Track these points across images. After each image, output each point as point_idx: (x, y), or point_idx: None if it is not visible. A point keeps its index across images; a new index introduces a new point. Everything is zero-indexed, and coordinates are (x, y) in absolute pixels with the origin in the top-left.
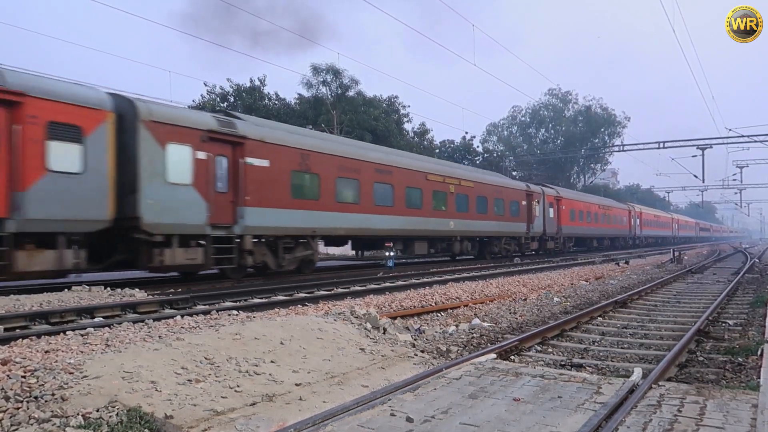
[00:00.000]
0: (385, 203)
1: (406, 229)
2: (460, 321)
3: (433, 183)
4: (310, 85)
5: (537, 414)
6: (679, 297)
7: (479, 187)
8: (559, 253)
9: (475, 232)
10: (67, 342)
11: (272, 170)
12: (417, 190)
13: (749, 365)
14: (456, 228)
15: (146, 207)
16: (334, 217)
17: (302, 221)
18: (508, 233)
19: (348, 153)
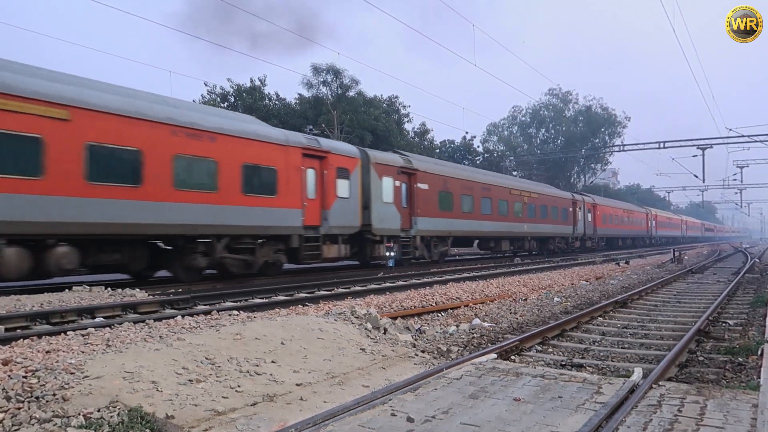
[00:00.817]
0: (487, 212)
1: (500, 232)
2: (461, 321)
3: (514, 196)
4: (310, 85)
5: (537, 414)
6: (680, 297)
7: (542, 198)
8: (594, 250)
9: (540, 233)
10: (68, 342)
11: (429, 191)
12: (504, 202)
13: (749, 365)
14: (528, 230)
15: (374, 218)
16: (461, 223)
17: (444, 226)
18: (559, 234)
19: (467, 176)
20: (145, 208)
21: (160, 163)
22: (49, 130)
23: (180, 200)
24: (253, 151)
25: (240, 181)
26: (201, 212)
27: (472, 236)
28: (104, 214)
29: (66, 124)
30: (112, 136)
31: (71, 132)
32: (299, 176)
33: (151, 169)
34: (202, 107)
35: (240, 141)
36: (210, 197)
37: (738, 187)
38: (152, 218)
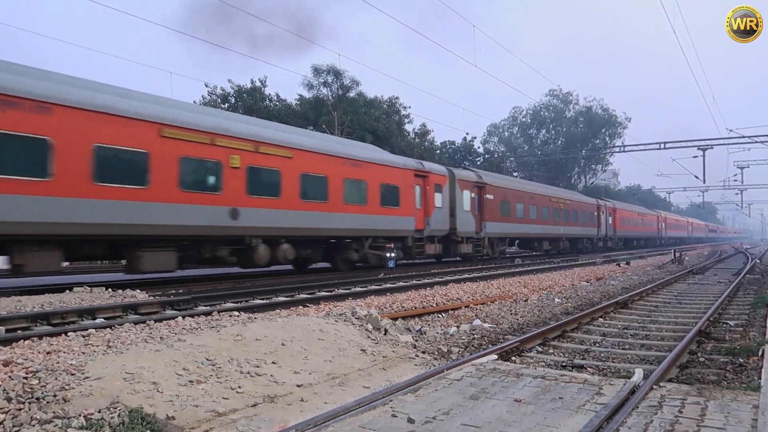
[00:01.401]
0: (534, 217)
1: (544, 234)
2: (461, 322)
3: (553, 203)
4: (310, 86)
5: (538, 415)
6: (680, 298)
7: (573, 203)
8: (614, 249)
9: (573, 234)
10: (68, 343)
11: (494, 201)
12: (546, 208)
13: (750, 366)
14: (563, 232)
15: (458, 223)
16: (516, 226)
17: (505, 229)
18: (586, 235)
19: (520, 188)
20: (329, 218)
21: (337, 185)
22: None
23: (347, 211)
24: (386, 174)
25: (379, 196)
26: (358, 220)
27: (524, 237)
28: (310, 222)
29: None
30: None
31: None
32: (412, 192)
33: (332, 189)
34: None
35: (379, 167)
36: (362, 209)
37: (739, 187)
38: (333, 224)
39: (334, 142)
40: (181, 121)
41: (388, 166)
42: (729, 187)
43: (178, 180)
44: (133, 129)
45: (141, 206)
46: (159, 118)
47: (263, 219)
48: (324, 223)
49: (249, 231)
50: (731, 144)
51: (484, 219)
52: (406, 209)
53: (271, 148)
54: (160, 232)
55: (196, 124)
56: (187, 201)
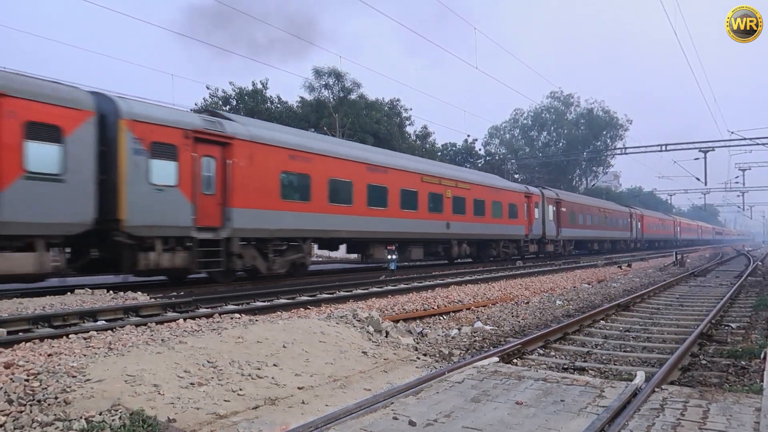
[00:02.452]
0: (588, 223)
1: (595, 237)
2: (463, 324)
3: (601, 212)
4: (312, 88)
5: (540, 417)
6: (682, 300)
7: (613, 212)
8: (641, 250)
9: (613, 237)
10: (69, 345)
11: (566, 212)
12: (597, 216)
13: (752, 368)
14: (607, 235)
15: (546, 230)
16: (579, 231)
17: (573, 233)
18: (622, 238)
19: (581, 201)
20: (486, 227)
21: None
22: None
23: (493, 222)
24: (511, 197)
25: (507, 212)
26: (498, 228)
27: (583, 240)
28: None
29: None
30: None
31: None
32: (523, 208)
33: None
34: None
35: (508, 192)
36: (500, 221)
37: (740, 189)
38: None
39: (487, 177)
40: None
41: (512, 191)
42: (730, 189)
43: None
44: (349, 167)
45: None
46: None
47: (460, 229)
48: (483, 230)
49: (454, 236)
50: (733, 146)
51: (560, 226)
52: (521, 220)
53: (461, 183)
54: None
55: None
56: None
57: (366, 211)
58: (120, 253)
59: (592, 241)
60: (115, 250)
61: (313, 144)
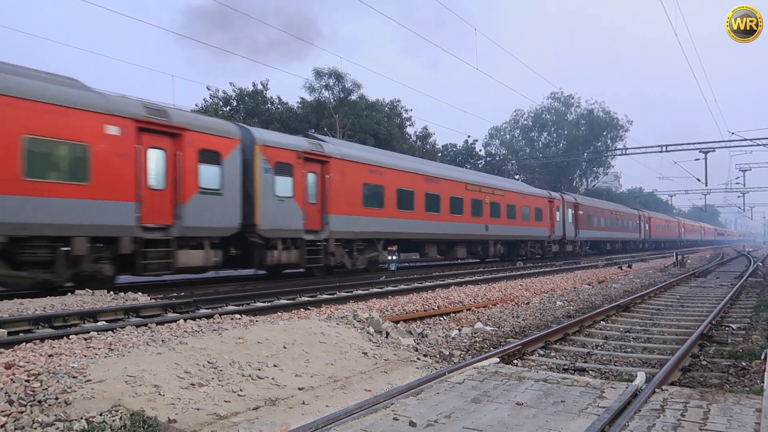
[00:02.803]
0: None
1: (608, 237)
2: (463, 325)
3: (613, 214)
4: (312, 89)
5: (540, 418)
6: (683, 301)
7: (624, 215)
8: (648, 250)
9: (624, 238)
10: (70, 346)
11: (583, 215)
12: (610, 219)
13: (753, 369)
14: (619, 236)
15: (566, 231)
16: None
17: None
18: (631, 239)
19: (595, 204)
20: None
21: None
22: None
23: (524, 225)
24: (537, 201)
25: (534, 215)
26: (527, 230)
27: (597, 240)
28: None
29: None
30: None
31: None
32: (547, 211)
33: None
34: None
35: (535, 197)
36: (528, 223)
37: (741, 190)
38: (518, 233)
39: (517, 184)
40: (444, 174)
41: (537, 196)
42: (731, 190)
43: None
44: (411, 178)
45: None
46: (421, 170)
47: (496, 231)
48: (514, 232)
49: (491, 237)
50: (733, 147)
51: (578, 228)
52: (545, 223)
53: (496, 190)
54: (452, 238)
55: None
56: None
57: (424, 215)
58: (252, 251)
59: (605, 241)
60: (248, 249)
61: (385, 159)
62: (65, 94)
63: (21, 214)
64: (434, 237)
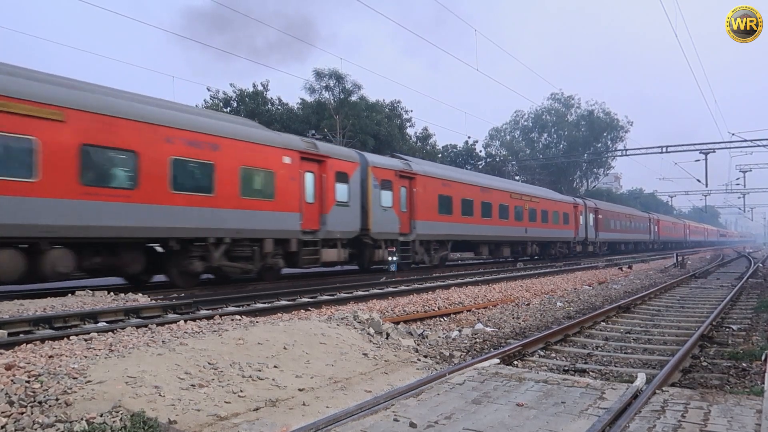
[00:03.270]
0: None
1: (623, 239)
2: (463, 326)
3: (627, 217)
4: (312, 90)
5: (540, 419)
6: (683, 302)
7: (636, 217)
8: (657, 251)
9: (635, 239)
10: (70, 347)
11: (602, 219)
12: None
13: (753, 370)
14: (631, 238)
15: (588, 233)
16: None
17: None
18: (642, 240)
19: (612, 208)
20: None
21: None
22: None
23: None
24: (563, 206)
25: (562, 218)
26: (555, 232)
27: (613, 241)
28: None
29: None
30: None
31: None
32: (572, 216)
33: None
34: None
35: (562, 203)
36: (556, 227)
37: (741, 191)
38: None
39: (549, 192)
40: (495, 185)
41: (564, 202)
42: (731, 191)
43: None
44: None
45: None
46: (478, 182)
47: (534, 233)
48: (548, 234)
49: (529, 239)
50: (733, 147)
51: (598, 230)
52: (571, 226)
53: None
54: (500, 239)
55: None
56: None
57: (480, 221)
58: (363, 251)
59: (620, 242)
60: (361, 249)
61: (452, 174)
62: (264, 136)
63: (239, 222)
64: (487, 238)
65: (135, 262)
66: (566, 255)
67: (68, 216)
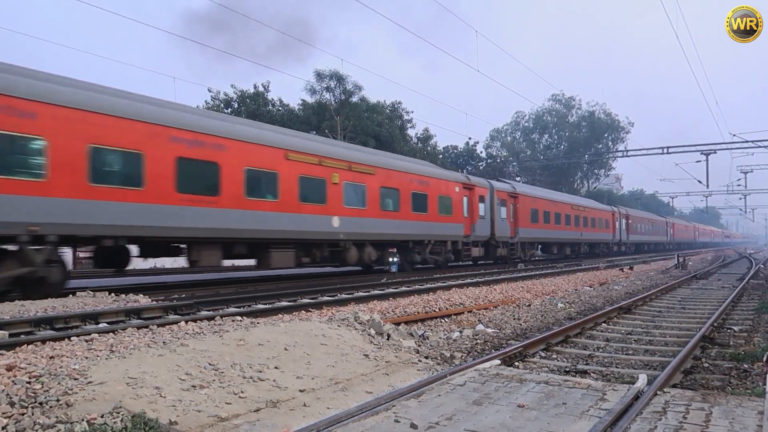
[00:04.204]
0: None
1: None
2: (464, 327)
3: (650, 221)
4: (313, 91)
5: (541, 420)
6: (684, 303)
7: (655, 221)
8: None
9: (656, 240)
10: (71, 347)
11: (632, 223)
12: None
13: (755, 371)
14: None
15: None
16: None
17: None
18: (660, 241)
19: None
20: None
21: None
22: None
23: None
24: (600, 213)
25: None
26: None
27: (640, 242)
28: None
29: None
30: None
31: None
32: (611, 221)
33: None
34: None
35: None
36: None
37: (742, 192)
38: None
39: (595, 203)
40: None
41: (606, 210)
42: (732, 192)
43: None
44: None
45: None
46: (553, 198)
47: (587, 236)
48: (595, 237)
49: (583, 240)
50: (734, 148)
51: (629, 233)
52: (610, 230)
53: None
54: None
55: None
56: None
57: (554, 227)
58: (489, 249)
59: (645, 243)
60: (487, 250)
61: (537, 192)
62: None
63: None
64: (558, 240)
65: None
66: (606, 253)
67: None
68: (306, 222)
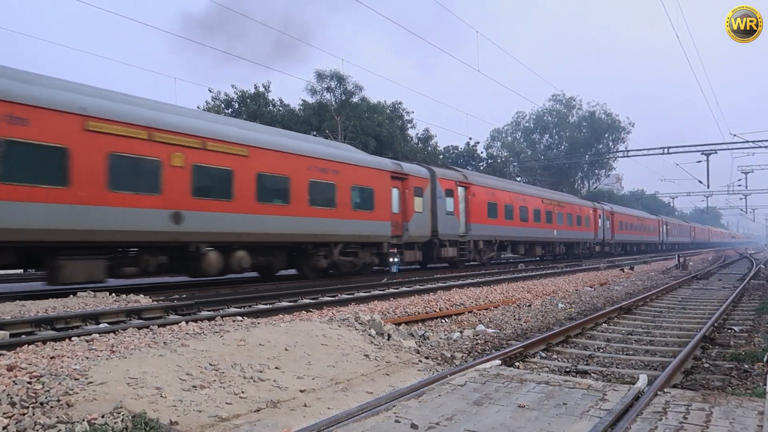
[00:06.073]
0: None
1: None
2: (465, 327)
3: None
4: (314, 92)
5: (542, 420)
6: (685, 303)
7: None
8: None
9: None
10: (72, 348)
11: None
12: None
13: (755, 372)
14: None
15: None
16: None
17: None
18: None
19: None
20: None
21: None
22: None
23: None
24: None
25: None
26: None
27: (630, 242)
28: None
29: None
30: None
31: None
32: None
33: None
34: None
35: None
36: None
37: (743, 192)
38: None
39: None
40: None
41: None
42: (733, 192)
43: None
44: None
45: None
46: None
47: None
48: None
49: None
50: (735, 149)
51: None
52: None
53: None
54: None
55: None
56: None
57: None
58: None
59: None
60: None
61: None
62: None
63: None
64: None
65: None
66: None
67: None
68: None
